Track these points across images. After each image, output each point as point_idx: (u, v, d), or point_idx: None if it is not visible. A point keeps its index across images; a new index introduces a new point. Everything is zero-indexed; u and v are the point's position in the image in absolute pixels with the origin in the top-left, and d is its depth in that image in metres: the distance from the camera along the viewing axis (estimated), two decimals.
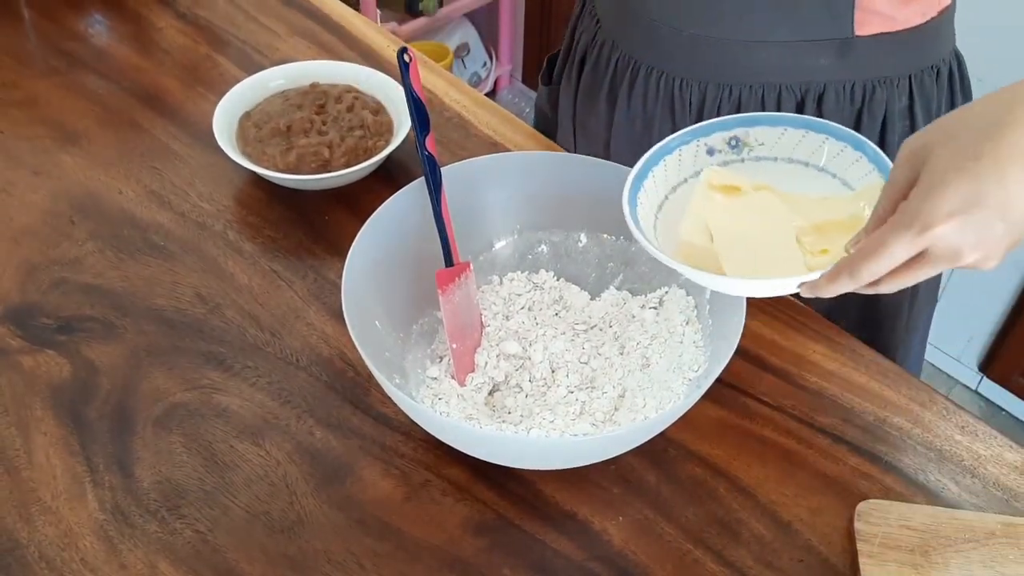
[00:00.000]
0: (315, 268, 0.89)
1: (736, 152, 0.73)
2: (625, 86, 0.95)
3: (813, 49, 0.85)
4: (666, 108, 0.93)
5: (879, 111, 0.88)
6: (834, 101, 0.87)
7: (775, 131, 0.72)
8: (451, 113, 1.06)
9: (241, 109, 0.99)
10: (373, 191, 0.95)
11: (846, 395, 0.80)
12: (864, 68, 0.86)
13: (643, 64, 0.93)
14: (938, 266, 0.56)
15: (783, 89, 0.87)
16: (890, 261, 0.56)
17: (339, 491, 0.73)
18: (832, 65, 0.86)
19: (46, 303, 0.86)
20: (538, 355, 0.79)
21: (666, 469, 0.75)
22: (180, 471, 0.74)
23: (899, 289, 0.59)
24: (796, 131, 0.71)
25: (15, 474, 0.74)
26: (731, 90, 0.89)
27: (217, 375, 0.80)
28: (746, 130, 0.72)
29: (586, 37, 1.00)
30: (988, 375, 1.97)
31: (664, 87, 0.92)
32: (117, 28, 1.19)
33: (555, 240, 0.86)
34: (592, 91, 1.00)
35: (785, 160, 0.72)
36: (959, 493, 0.74)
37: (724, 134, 0.72)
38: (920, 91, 0.89)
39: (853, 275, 0.57)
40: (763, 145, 0.72)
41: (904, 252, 0.55)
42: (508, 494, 0.74)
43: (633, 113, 0.95)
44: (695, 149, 0.73)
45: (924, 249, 0.55)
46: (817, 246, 0.68)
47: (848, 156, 0.70)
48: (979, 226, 0.53)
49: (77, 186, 0.97)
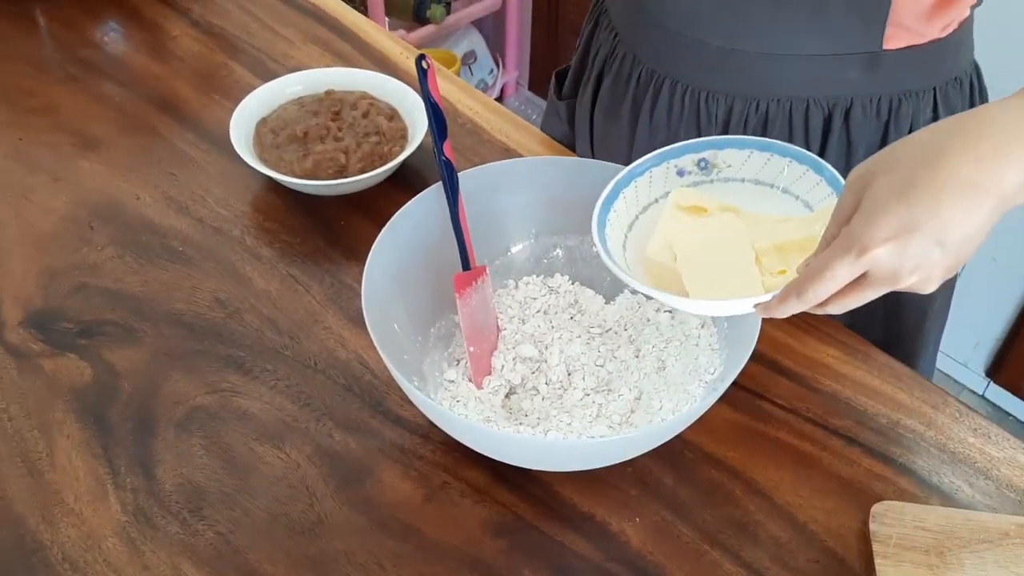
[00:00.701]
0: (332, 273, 0.90)
1: (705, 173, 0.75)
2: (648, 101, 0.94)
3: (841, 63, 0.85)
4: (691, 123, 0.92)
5: (905, 124, 0.88)
6: (861, 115, 0.87)
7: (742, 153, 0.74)
8: (464, 119, 1.07)
9: (257, 116, 1.00)
10: (388, 196, 0.96)
11: (860, 398, 0.81)
12: (891, 82, 0.86)
13: (667, 78, 0.92)
14: (878, 288, 0.58)
15: (811, 103, 0.87)
16: (833, 283, 0.57)
17: (359, 493, 0.74)
18: (860, 79, 0.86)
19: (67, 308, 0.87)
20: (554, 358, 0.80)
21: (683, 471, 0.76)
22: (201, 473, 0.75)
23: (846, 311, 0.60)
24: (762, 154, 0.74)
25: (38, 476, 0.75)
26: (758, 104, 0.88)
27: (237, 378, 0.81)
28: (715, 152, 0.75)
29: (603, 51, 0.99)
30: (995, 380, 1.98)
31: (689, 101, 0.91)
32: (133, 36, 1.21)
33: (570, 244, 0.87)
34: (613, 106, 0.99)
35: (752, 181, 0.75)
36: (973, 495, 0.75)
37: (694, 156, 0.75)
38: (945, 103, 0.89)
39: (800, 296, 0.59)
40: (730, 167, 0.75)
41: (845, 275, 0.57)
42: (526, 496, 0.74)
43: (656, 128, 0.94)
44: (665, 170, 0.74)
45: (865, 272, 0.57)
46: (776, 266, 0.70)
47: (809, 179, 0.72)
48: (915, 250, 0.55)
49: (96, 192, 0.98)
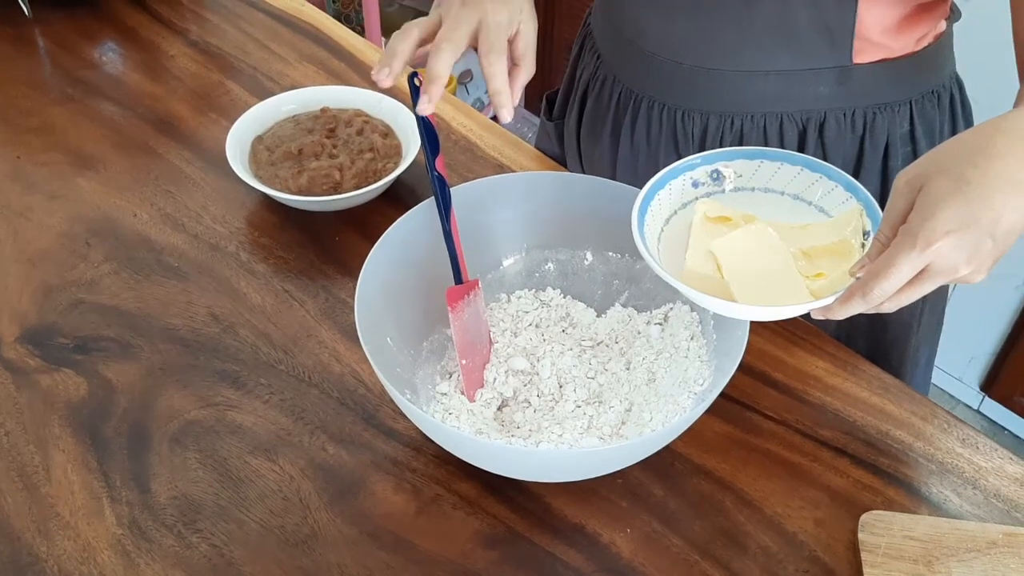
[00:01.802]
0: (326, 288, 0.91)
1: (718, 184, 0.77)
2: (628, 120, 0.96)
3: (812, 77, 0.86)
4: (669, 140, 0.94)
5: (881, 137, 0.90)
6: (835, 129, 0.89)
7: (752, 164, 0.77)
8: (458, 136, 1.09)
9: (253, 133, 1.01)
10: (382, 212, 0.97)
11: (849, 409, 0.82)
12: (864, 95, 0.88)
13: (644, 97, 0.94)
14: (936, 280, 0.62)
15: (785, 118, 0.89)
16: (898, 279, 0.61)
17: (352, 505, 0.75)
18: (832, 93, 0.87)
19: (63, 324, 0.87)
20: (546, 371, 0.80)
21: (673, 483, 0.77)
22: (196, 487, 0.76)
23: (899, 307, 0.64)
24: (772, 163, 0.76)
25: (34, 491, 0.75)
26: (733, 120, 0.90)
27: (231, 393, 0.82)
28: (726, 163, 0.77)
29: (587, 73, 1.02)
30: (990, 395, 1.98)
31: (667, 119, 0.93)
32: (130, 56, 1.22)
33: (562, 258, 0.88)
34: (595, 126, 1.01)
35: (762, 190, 0.77)
36: (961, 504, 0.75)
37: (707, 168, 0.77)
38: (921, 116, 0.90)
39: (866, 296, 0.62)
40: (741, 176, 0.77)
41: (910, 269, 0.60)
42: (518, 508, 0.75)
43: (637, 147, 0.97)
44: (682, 183, 0.76)
45: (926, 266, 0.60)
46: (810, 270, 0.72)
47: (823, 185, 0.74)
48: (973, 242, 0.59)
49: (93, 210, 0.99)
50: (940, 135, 0.93)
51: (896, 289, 0.62)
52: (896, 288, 0.61)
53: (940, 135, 0.93)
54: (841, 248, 0.71)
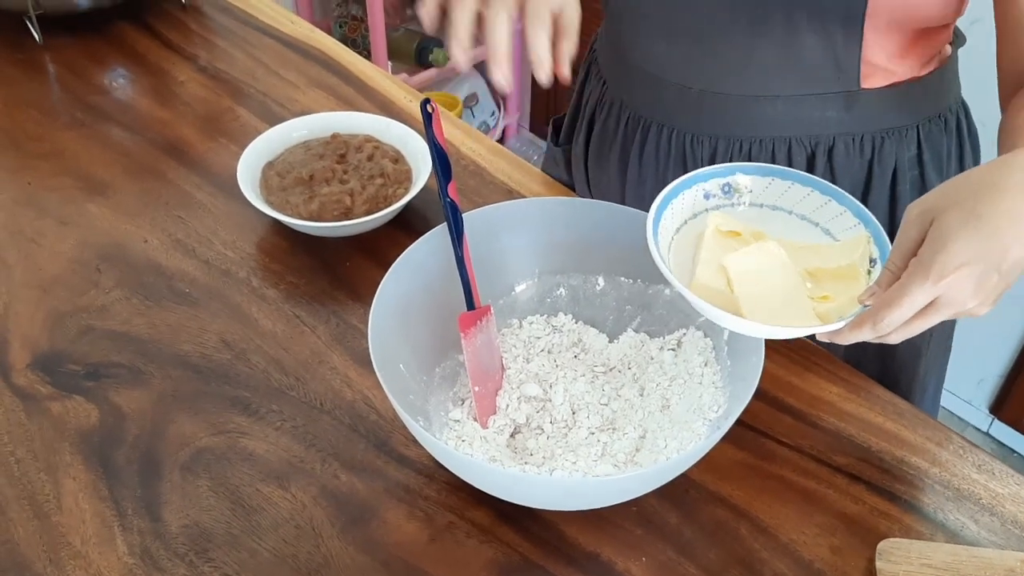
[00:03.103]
0: (337, 313, 0.91)
1: (728, 197, 0.77)
2: (636, 145, 0.96)
3: (820, 102, 0.87)
4: (678, 164, 0.94)
5: (889, 161, 0.90)
6: (844, 153, 0.89)
7: (763, 180, 0.77)
8: (467, 161, 1.09)
9: (264, 159, 1.01)
10: (393, 238, 0.97)
11: (863, 435, 0.81)
12: (872, 120, 0.88)
13: (652, 122, 0.94)
14: (944, 312, 0.62)
15: (793, 142, 0.89)
16: (909, 309, 0.61)
17: (364, 533, 0.74)
18: (840, 117, 0.88)
19: (74, 350, 0.87)
20: (559, 397, 0.80)
21: (688, 510, 0.76)
22: (207, 515, 0.75)
23: (905, 339, 0.64)
24: (783, 182, 0.77)
25: (45, 519, 0.75)
26: (741, 144, 0.90)
27: (243, 419, 0.82)
28: (738, 177, 0.77)
29: (593, 99, 1.02)
30: (999, 417, 1.98)
31: (675, 144, 0.93)
32: (140, 81, 1.23)
33: (573, 284, 0.88)
34: (603, 151, 1.01)
35: (771, 207, 0.77)
36: (978, 531, 0.75)
37: (719, 180, 0.77)
38: (928, 140, 0.91)
39: (876, 325, 0.62)
40: (752, 192, 0.77)
41: (922, 299, 0.61)
42: (531, 536, 0.74)
43: (645, 171, 0.97)
44: (695, 193, 0.76)
45: (936, 298, 0.61)
46: (816, 292, 0.72)
47: (831, 209, 0.75)
48: (981, 276, 0.60)
49: (103, 235, 0.99)
50: (947, 159, 0.93)
51: (906, 319, 0.62)
52: (906, 318, 0.62)
53: (947, 159, 0.93)
54: (848, 273, 0.71)
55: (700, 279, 0.72)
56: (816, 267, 0.73)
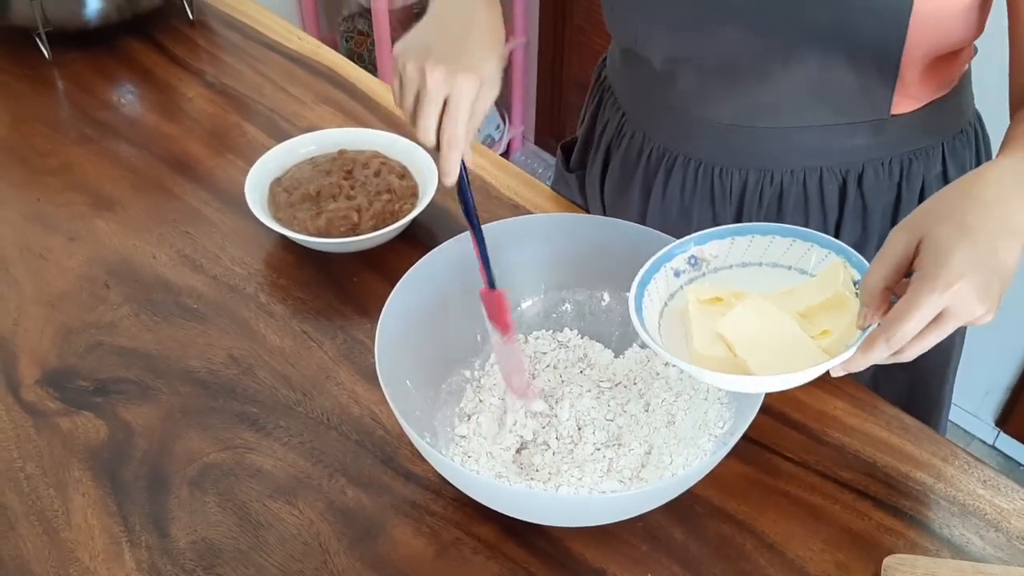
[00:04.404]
0: (344, 329, 0.91)
1: (697, 269, 0.77)
2: (660, 176, 0.95)
3: (850, 130, 0.87)
4: (705, 196, 0.93)
5: (916, 181, 0.90)
6: (874, 178, 0.89)
7: (724, 242, 0.77)
8: (474, 177, 1.09)
9: (271, 175, 1.02)
10: (399, 253, 0.97)
11: (869, 450, 0.81)
12: (900, 143, 0.88)
13: (679, 155, 0.93)
14: (953, 322, 0.63)
15: (824, 171, 0.89)
16: (920, 320, 0.62)
17: (371, 549, 0.75)
18: (869, 144, 0.88)
19: (83, 366, 0.88)
20: (564, 413, 0.80)
21: (693, 526, 0.76)
22: (215, 531, 0.76)
23: (918, 354, 0.64)
24: (743, 238, 0.76)
25: (54, 535, 0.75)
26: (772, 176, 0.90)
27: (250, 435, 0.82)
28: (700, 247, 0.77)
29: (611, 129, 1.01)
30: (1005, 430, 1.97)
31: (703, 176, 0.93)
32: (148, 97, 1.23)
33: (579, 299, 0.88)
34: (623, 181, 1.00)
35: (740, 265, 0.77)
36: (984, 547, 0.75)
37: (683, 255, 0.77)
38: (952, 156, 0.91)
39: (889, 340, 0.62)
40: (717, 256, 0.77)
41: (931, 310, 0.62)
42: (537, 551, 0.75)
43: (669, 202, 0.96)
44: (665, 275, 0.76)
45: (944, 308, 0.62)
46: (813, 330, 0.71)
47: (798, 248, 0.75)
48: (984, 283, 0.62)
49: (111, 251, 0.99)
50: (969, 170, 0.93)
51: (918, 331, 0.62)
52: (918, 330, 0.62)
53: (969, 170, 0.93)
54: (837, 302, 0.71)
55: (699, 351, 0.72)
56: (805, 306, 0.72)
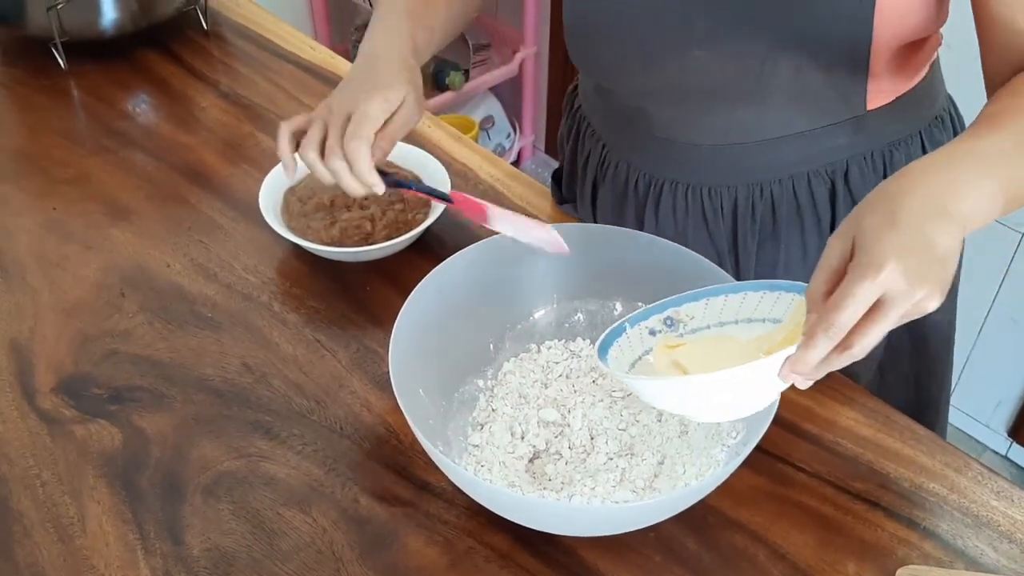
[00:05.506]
0: (357, 338, 0.92)
1: (673, 329, 0.77)
2: (651, 204, 0.95)
3: (831, 132, 0.87)
4: (698, 218, 0.94)
5: None
6: (859, 175, 0.90)
7: (699, 304, 0.77)
8: (486, 186, 1.10)
9: (285, 185, 1.02)
10: (412, 262, 0.98)
11: (881, 461, 0.81)
12: (880, 137, 0.89)
13: (666, 180, 0.94)
14: (895, 308, 0.61)
15: (811, 175, 0.89)
16: (855, 306, 0.60)
17: (384, 558, 0.75)
18: (850, 142, 0.88)
19: (98, 374, 0.88)
20: (577, 422, 0.81)
21: (706, 536, 0.76)
22: (229, 538, 0.76)
23: (868, 349, 0.61)
24: (716, 298, 0.76)
25: (69, 542, 0.76)
26: (762, 189, 0.90)
27: (264, 443, 0.83)
28: (676, 309, 0.77)
29: (593, 159, 1.01)
30: (1018, 440, 1.96)
31: (692, 199, 0.93)
32: (163, 107, 1.24)
33: (591, 308, 0.88)
34: (615, 210, 1.00)
35: (716, 325, 0.77)
36: (997, 559, 0.75)
37: (659, 316, 0.77)
38: (931, 142, 0.92)
39: (828, 329, 0.60)
40: (694, 318, 0.77)
41: (865, 295, 0.60)
42: (550, 561, 0.75)
43: (663, 228, 0.95)
44: (640, 331, 0.77)
45: (881, 294, 0.60)
46: None
47: (768, 299, 0.74)
48: (916, 266, 0.61)
49: (127, 260, 1.00)
50: None
51: (855, 319, 0.60)
52: (855, 318, 0.60)
53: None
54: (795, 335, 0.66)
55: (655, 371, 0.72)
56: (767, 347, 0.72)
